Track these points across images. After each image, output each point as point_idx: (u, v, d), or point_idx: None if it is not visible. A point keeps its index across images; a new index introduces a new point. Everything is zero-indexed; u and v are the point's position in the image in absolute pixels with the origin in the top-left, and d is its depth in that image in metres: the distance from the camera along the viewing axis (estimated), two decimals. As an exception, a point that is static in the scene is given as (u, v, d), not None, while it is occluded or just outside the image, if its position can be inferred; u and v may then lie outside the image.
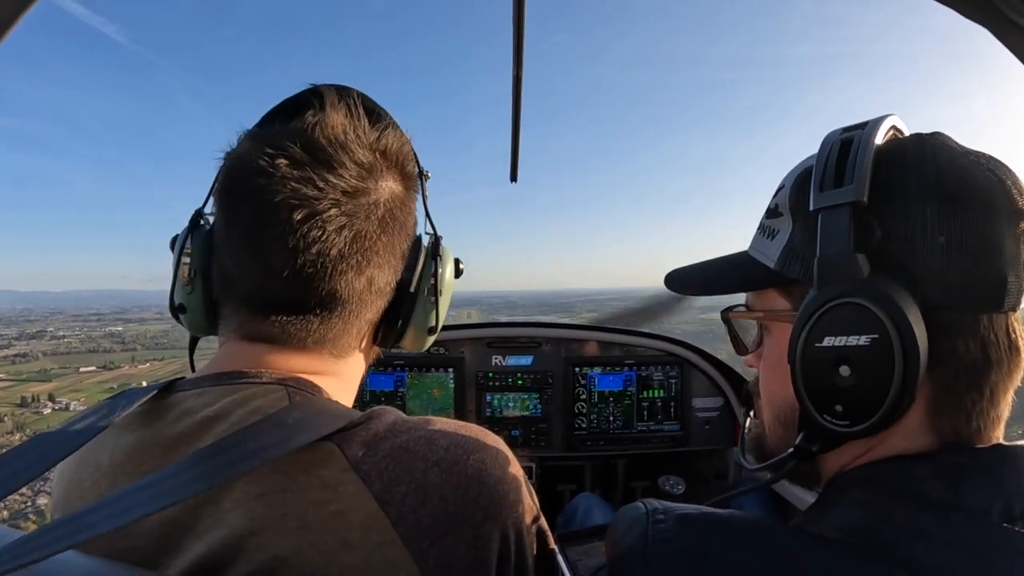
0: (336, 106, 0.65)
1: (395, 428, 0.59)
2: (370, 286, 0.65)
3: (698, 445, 2.20)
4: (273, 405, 0.57)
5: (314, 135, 0.61)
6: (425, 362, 2.17)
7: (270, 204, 0.59)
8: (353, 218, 0.61)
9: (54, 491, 0.63)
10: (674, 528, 0.51)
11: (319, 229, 0.59)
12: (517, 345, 2.22)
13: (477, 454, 0.60)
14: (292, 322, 0.63)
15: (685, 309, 5.26)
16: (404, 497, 0.54)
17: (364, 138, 0.64)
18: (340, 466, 0.54)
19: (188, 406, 0.59)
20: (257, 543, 0.50)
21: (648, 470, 2.38)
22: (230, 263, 0.63)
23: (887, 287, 0.47)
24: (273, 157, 0.59)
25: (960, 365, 0.48)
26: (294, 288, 0.61)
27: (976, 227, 0.48)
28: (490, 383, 2.18)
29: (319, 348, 0.65)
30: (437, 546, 0.53)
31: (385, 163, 0.66)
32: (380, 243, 0.64)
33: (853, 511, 0.49)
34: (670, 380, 2.20)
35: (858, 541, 0.46)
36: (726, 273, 0.67)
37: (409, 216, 0.70)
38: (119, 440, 0.59)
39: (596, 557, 1.33)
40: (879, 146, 0.51)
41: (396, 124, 0.71)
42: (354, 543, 0.51)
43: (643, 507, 0.54)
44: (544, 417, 2.18)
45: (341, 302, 0.63)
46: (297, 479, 0.53)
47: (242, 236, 0.61)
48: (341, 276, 0.61)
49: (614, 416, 2.19)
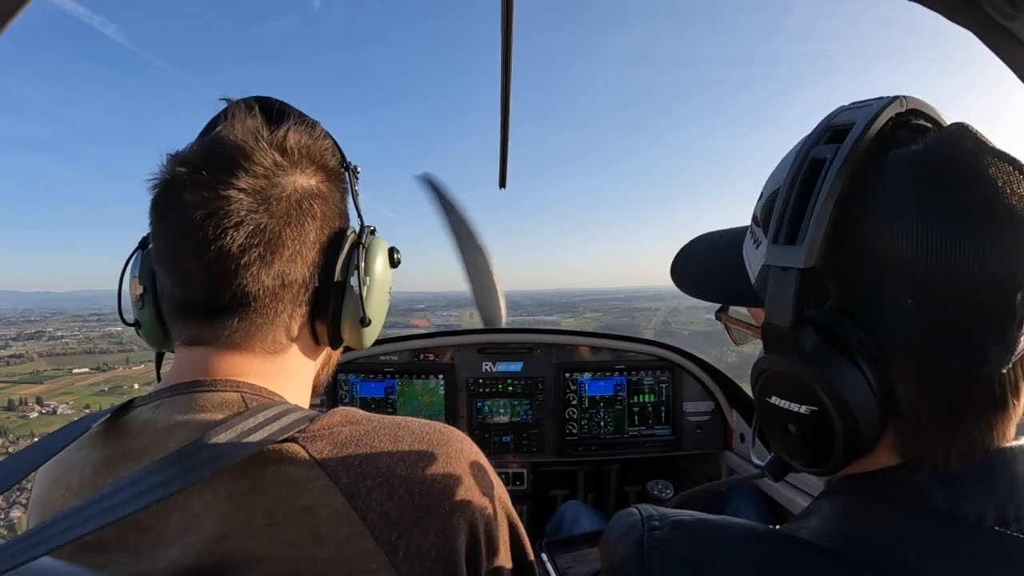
0: (239, 116, 0.67)
1: (359, 427, 0.61)
2: (281, 280, 0.64)
3: (690, 449, 2.20)
4: (230, 410, 0.59)
5: (214, 144, 0.64)
6: (415, 369, 2.16)
7: (179, 211, 0.61)
8: (252, 213, 0.61)
9: (29, 513, 0.64)
10: (669, 536, 0.51)
11: (216, 226, 0.60)
12: (507, 351, 2.21)
13: (442, 448, 0.63)
14: (217, 324, 0.63)
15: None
16: (371, 490, 0.55)
17: (263, 140, 0.65)
18: (305, 464, 0.56)
19: (148, 418, 0.60)
20: (229, 544, 0.52)
21: (641, 475, 2.38)
22: (162, 275, 0.66)
23: (829, 364, 0.45)
24: (180, 168, 0.62)
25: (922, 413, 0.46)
26: (207, 290, 0.62)
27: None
28: (481, 389, 2.17)
29: (250, 347, 0.65)
30: (406, 537, 0.55)
31: (289, 160, 0.66)
32: (286, 235, 0.64)
33: (850, 520, 0.49)
34: (661, 385, 2.20)
35: (855, 552, 0.45)
36: (714, 278, 0.67)
37: (327, 208, 0.69)
38: (88, 457, 0.60)
39: (586, 564, 1.33)
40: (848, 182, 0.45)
41: (311, 123, 0.72)
42: (324, 537, 0.53)
43: (638, 513, 0.55)
44: (535, 423, 2.17)
45: (253, 298, 0.63)
46: (264, 479, 0.54)
47: (165, 248, 0.64)
48: (246, 271, 0.61)
49: (605, 421, 2.18)
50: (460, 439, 0.67)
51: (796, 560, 0.46)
